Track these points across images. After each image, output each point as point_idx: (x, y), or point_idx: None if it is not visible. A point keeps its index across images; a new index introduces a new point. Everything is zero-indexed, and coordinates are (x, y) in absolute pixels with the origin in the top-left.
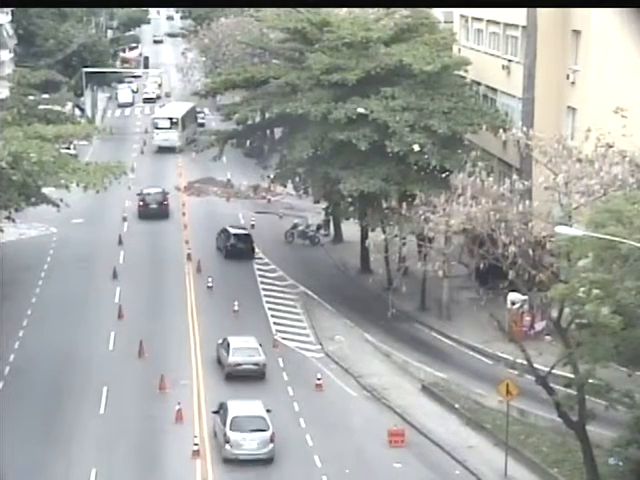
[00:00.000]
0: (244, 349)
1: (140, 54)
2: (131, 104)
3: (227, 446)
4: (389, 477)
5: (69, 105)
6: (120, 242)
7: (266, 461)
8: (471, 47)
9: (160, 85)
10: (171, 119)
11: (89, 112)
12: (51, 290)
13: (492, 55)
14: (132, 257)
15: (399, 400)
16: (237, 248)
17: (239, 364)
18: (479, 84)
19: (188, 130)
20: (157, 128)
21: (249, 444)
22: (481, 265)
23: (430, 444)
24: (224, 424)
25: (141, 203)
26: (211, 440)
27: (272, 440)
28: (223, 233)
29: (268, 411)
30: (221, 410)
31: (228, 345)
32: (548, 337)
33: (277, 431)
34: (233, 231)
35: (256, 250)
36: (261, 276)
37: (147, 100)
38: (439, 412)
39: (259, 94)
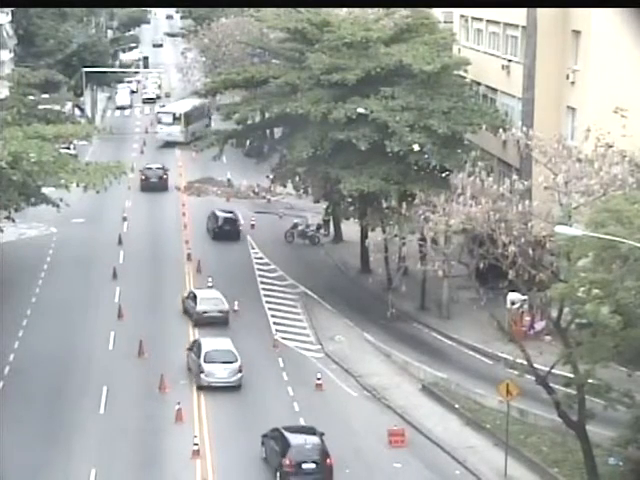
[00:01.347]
0: (209, 299)
1: (139, 58)
2: (129, 106)
3: (202, 375)
4: (389, 477)
5: (69, 105)
6: (120, 242)
7: (235, 387)
8: (471, 47)
9: (160, 85)
10: (174, 114)
11: (89, 112)
12: (51, 290)
13: (492, 55)
14: (132, 257)
15: (399, 400)
16: (224, 230)
17: (206, 312)
18: (479, 84)
19: (194, 126)
20: (160, 123)
21: (221, 373)
22: (481, 265)
23: (430, 444)
24: (198, 357)
25: (143, 177)
26: (211, 440)
27: (240, 370)
28: (212, 216)
29: (237, 348)
30: (194, 347)
31: (195, 296)
32: (548, 337)
33: None
34: (220, 214)
35: (241, 230)
36: (261, 276)
37: (146, 101)
38: (439, 412)
39: (259, 94)
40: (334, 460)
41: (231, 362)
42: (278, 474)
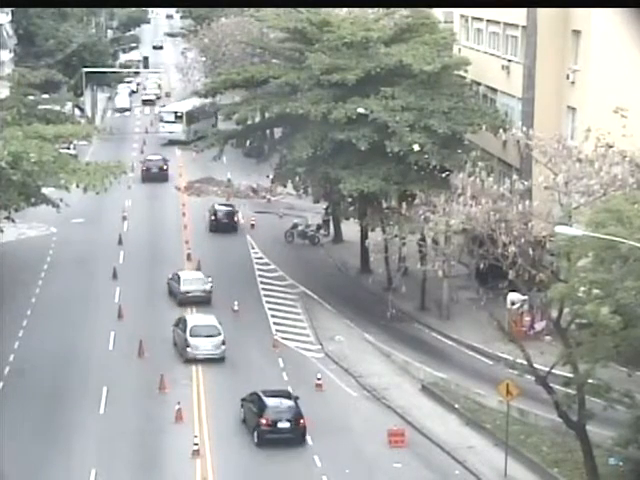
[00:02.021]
0: (193, 280)
1: (139, 59)
2: (129, 109)
3: (188, 349)
4: (389, 477)
5: (69, 105)
6: (120, 242)
7: (219, 360)
8: (471, 47)
9: (160, 85)
10: (176, 113)
11: (89, 112)
12: (51, 290)
13: (492, 55)
14: (132, 257)
15: (399, 400)
16: (220, 223)
17: (189, 292)
18: (479, 84)
19: (197, 125)
20: (162, 121)
21: (206, 346)
22: (481, 265)
23: (430, 444)
24: (184, 332)
25: (144, 169)
26: (211, 440)
27: (224, 343)
28: (212, 209)
29: (220, 323)
30: (180, 323)
31: (179, 277)
32: (548, 337)
33: None
34: (218, 207)
35: (238, 223)
36: (261, 276)
37: (146, 102)
38: (439, 412)
39: (259, 94)
40: (334, 460)
41: (215, 335)
42: (255, 433)
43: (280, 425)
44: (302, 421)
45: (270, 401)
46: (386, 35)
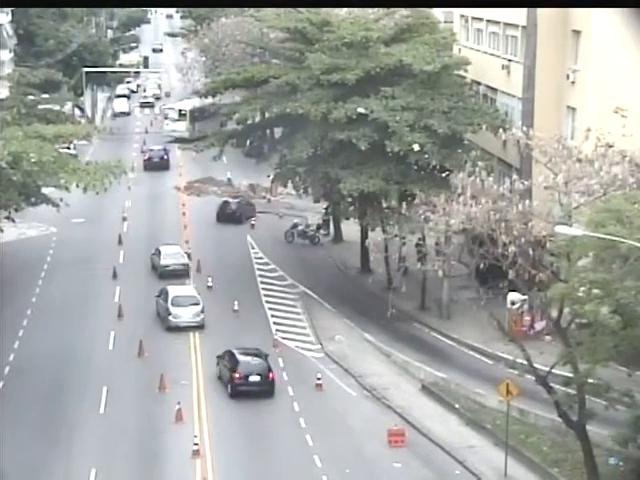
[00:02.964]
0: (172, 254)
1: (138, 61)
2: (128, 113)
3: (170, 317)
4: (389, 477)
5: (69, 105)
6: (120, 242)
7: (198, 327)
8: (471, 47)
9: (160, 85)
10: (180, 111)
11: (89, 112)
12: (51, 290)
13: (492, 55)
14: (132, 257)
15: (399, 400)
16: (225, 214)
17: (168, 265)
18: (479, 84)
19: (202, 124)
20: (166, 118)
21: (186, 315)
22: (481, 265)
23: (430, 444)
24: (166, 302)
25: (146, 158)
26: (211, 439)
27: (202, 311)
28: (222, 202)
29: (199, 294)
30: (162, 294)
31: (159, 252)
32: (548, 337)
33: (277, 431)
34: (225, 199)
35: (250, 217)
36: (261, 276)
37: (144, 104)
38: (439, 412)
39: (259, 94)
40: (334, 460)
41: (195, 305)
42: (229, 386)
43: (251, 379)
44: (271, 375)
45: (242, 357)
46: (386, 35)
